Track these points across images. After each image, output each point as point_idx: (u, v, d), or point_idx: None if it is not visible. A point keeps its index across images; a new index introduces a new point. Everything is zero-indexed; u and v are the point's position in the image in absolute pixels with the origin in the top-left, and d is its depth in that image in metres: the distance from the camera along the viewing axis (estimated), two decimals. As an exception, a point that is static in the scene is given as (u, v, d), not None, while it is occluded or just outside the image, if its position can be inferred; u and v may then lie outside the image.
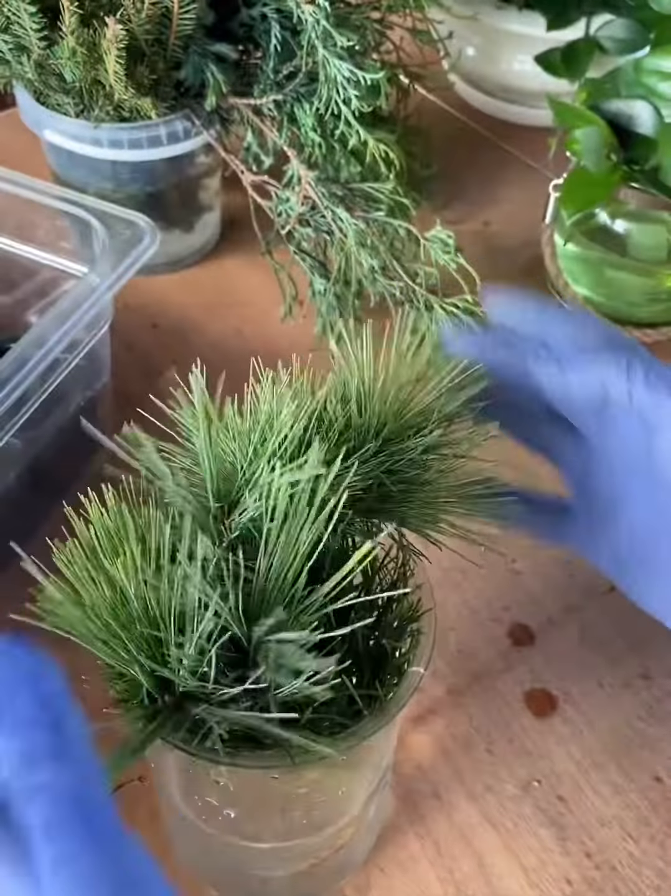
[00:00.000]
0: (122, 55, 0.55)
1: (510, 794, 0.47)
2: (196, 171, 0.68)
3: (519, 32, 0.77)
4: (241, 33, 0.62)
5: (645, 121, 0.58)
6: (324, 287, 0.63)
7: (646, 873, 0.45)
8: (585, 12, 0.72)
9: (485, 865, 0.45)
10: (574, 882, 0.45)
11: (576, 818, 0.47)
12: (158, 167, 0.66)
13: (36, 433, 0.52)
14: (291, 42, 0.60)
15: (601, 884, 0.45)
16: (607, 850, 0.46)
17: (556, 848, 0.46)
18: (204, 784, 0.38)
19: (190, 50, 0.59)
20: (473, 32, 0.81)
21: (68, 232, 0.56)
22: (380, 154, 0.61)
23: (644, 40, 0.67)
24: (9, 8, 0.55)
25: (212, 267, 0.73)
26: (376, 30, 0.62)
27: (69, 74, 0.58)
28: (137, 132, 0.62)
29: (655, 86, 0.58)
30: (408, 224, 0.60)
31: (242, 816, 0.39)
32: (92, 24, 0.55)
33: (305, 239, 0.63)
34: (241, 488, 0.33)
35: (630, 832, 0.46)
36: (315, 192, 0.60)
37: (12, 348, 0.47)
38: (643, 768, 0.48)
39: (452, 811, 0.47)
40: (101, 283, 0.50)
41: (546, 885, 0.45)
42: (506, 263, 0.73)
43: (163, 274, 0.72)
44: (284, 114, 0.62)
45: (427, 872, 0.45)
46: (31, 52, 0.57)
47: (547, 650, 0.52)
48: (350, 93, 0.58)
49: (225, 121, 0.64)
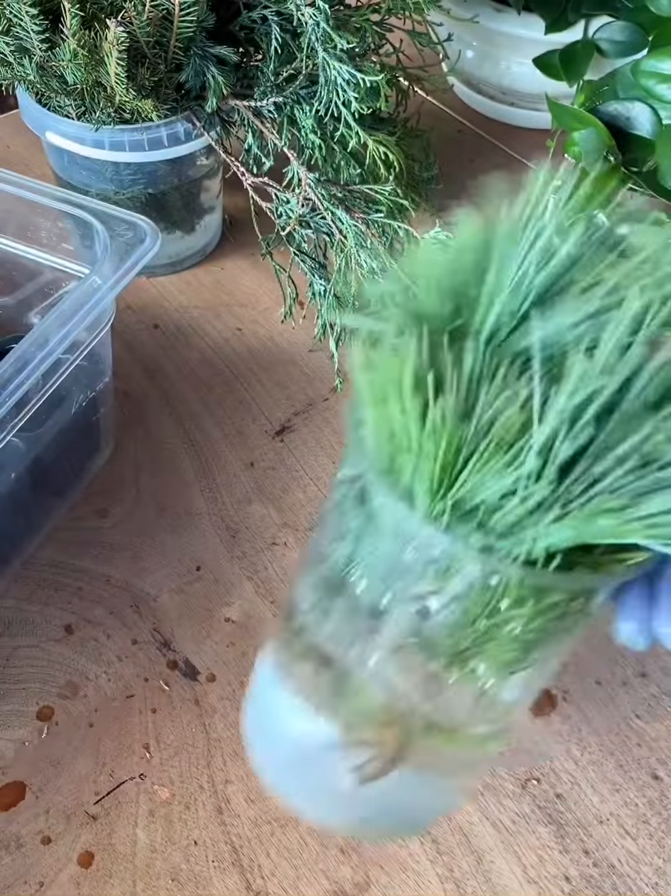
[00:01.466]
0: (123, 57, 0.55)
1: (509, 792, 0.48)
2: (197, 172, 0.69)
3: (518, 35, 0.78)
4: (242, 36, 0.62)
5: (643, 123, 0.58)
6: (324, 288, 0.63)
7: (644, 871, 0.45)
8: (584, 15, 0.72)
9: (485, 863, 0.45)
10: (572, 879, 0.45)
11: (574, 816, 0.47)
12: (159, 169, 0.66)
13: (37, 433, 0.52)
14: (291, 44, 0.60)
15: (599, 881, 0.45)
16: (605, 848, 0.46)
17: (555, 845, 0.46)
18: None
19: (191, 52, 0.60)
20: (472, 35, 0.81)
21: (70, 233, 0.56)
22: (380, 156, 0.61)
23: (642, 43, 0.67)
24: (10, 10, 0.55)
25: (213, 268, 0.73)
26: (376, 32, 0.62)
27: (70, 76, 0.58)
28: (138, 134, 0.62)
29: (653, 88, 0.59)
30: (408, 225, 0.61)
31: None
32: (93, 26, 0.56)
33: (305, 240, 0.63)
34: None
35: (628, 830, 0.47)
36: (315, 194, 0.61)
37: (14, 349, 0.47)
38: (641, 766, 0.49)
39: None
40: (102, 284, 0.50)
41: (545, 882, 0.45)
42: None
43: (164, 275, 0.72)
44: (284, 116, 0.62)
45: (426, 870, 0.45)
46: (33, 55, 0.58)
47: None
48: (350, 95, 0.58)
49: (225, 123, 0.64)
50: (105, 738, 0.49)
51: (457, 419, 0.27)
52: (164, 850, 0.46)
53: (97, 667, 0.52)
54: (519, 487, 0.27)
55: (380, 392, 0.29)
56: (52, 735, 0.49)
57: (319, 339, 0.66)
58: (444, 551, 0.29)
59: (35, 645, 0.52)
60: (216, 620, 0.53)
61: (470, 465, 0.27)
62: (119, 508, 0.58)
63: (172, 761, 0.48)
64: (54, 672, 0.51)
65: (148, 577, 0.55)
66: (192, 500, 0.59)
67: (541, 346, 0.28)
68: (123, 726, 0.49)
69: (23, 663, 0.51)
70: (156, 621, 0.53)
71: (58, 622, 0.53)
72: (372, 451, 0.29)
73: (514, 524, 0.28)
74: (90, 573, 0.55)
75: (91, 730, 0.49)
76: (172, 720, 0.49)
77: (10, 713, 0.50)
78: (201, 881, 0.45)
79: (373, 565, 0.32)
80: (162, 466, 0.60)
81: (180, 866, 0.45)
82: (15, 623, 0.53)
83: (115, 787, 0.47)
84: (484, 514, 0.28)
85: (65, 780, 0.48)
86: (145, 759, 0.48)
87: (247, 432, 0.62)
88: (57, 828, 0.46)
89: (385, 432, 0.29)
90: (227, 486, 0.59)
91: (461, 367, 0.28)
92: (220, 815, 0.47)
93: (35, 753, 0.48)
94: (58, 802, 0.47)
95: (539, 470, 0.27)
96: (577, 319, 0.28)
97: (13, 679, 0.51)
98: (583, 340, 0.28)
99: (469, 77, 0.86)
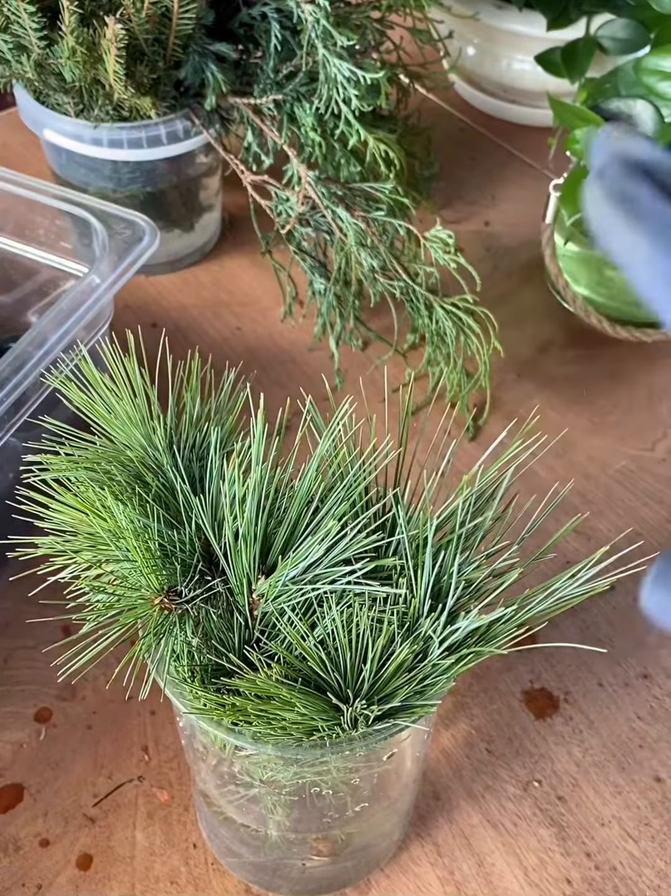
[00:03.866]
0: (121, 55, 0.55)
1: (510, 794, 0.47)
2: (196, 170, 0.68)
3: (519, 32, 0.77)
4: (242, 33, 0.62)
5: (645, 120, 0.58)
6: (324, 287, 0.63)
7: (646, 873, 0.45)
8: (585, 12, 0.71)
9: (485, 865, 0.45)
10: (574, 882, 0.45)
11: (576, 818, 0.47)
12: (158, 167, 0.66)
13: (35, 433, 0.52)
14: (291, 41, 0.60)
15: (601, 884, 0.45)
16: (607, 850, 0.46)
17: (557, 848, 0.46)
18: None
19: (190, 49, 0.59)
20: (474, 32, 0.81)
21: (68, 232, 0.56)
22: (381, 154, 0.61)
23: (644, 40, 0.66)
24: (8, 8, 0.55)
25: (212, 267, 0.73)
26: (376, 29, 0.62)
27: (69, 74, 0.57)
28: (137, 132, 0.62)
29: (655, 85, 0.58)
30: (408, 224, 0.60)
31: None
32: (92, 23, 0.55)
33: (305, 239, 0.63)
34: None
35: (630, 832, 0.46)
36: (315, 192, 0.60)
37: (12, 348, 0.47)
38: (643, 768, 0.48)
39: (452, 811, 0.47)
40: (101, 282, 0.50)
41: (546, 884, 0.45)
42: (506, 263, 0.73)
43: (163, 273, 0.72)
44: (284, 113, 0.62)
45: (427, 873, 0.45)
46: (31, 52, 0.57)
47: (547, 650, 0.52)
48: (350, 92, 0.58)
49: (225, 120, 0.64)
50: (103, 741, 0.49)
51: None
52: (162, 852, 0.45)
53: (95, 668, 0.51)
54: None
55: None
56: (51, 737, 0.49)
57: (319, 338, 0.66)
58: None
59: (33, 646, 0.52)
60: (215, 621, 0.53)
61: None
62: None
63: (171, 763, 0.48)
64: (52, 674, 0.51)
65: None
66: (192, 500, 0.58)
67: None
68: (122, 728, 0.49)
69: (21, 665, 0.51)
70: (155, 622, 0.53)
71: (56, 623, 0.53)
72: None
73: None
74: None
75: (89, 732, 0.49)
76: (171, 722, 0.49)
77: (7, 715, 0.49)
78: (200, 884, 0.45)
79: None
80: (161, 466, 0.60)
81: (179, 869, 0.45)
82: (13, 624, 0.53)
83: (113, 790, 0.47)
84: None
85: (63, 782, 0.47)
86: (144, 761, 0.48)
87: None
88: (55, 830, 0.46)
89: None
90: (227, 485, 0.59)
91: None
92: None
93: (33, 755, 0.48)
94: (56, 805, 0.47)
95: None
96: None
97: (11, 681, 0.50)
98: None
99: (470, 74, 0.85)
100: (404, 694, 0.31)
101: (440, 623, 0.32)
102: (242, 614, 0.33)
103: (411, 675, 0.32)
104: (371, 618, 0.31)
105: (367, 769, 0.37)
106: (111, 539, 0.33)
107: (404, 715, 0.32)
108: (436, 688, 0.32)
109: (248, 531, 0.31)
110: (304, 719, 0.31)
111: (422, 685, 0.32)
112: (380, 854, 0.44)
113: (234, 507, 0.31)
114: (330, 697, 0.31)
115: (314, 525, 0.32)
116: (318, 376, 0.65)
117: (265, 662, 0.31)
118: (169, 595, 0.32)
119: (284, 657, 0.31)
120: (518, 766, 0.48)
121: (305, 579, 0.31)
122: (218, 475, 0.34)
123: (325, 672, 0.31)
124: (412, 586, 0.33)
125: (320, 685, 0.31)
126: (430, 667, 0.32)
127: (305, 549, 0.31)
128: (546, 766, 0.48)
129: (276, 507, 0.33)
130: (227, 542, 0.32)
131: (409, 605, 0.33)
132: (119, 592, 0.33)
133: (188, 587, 0.32)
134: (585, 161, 0.49)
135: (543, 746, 0.49)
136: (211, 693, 0.32)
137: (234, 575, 0.33)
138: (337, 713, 0.31)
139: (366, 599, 0.32)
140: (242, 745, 0.33)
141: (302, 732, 0.31)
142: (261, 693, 0.31)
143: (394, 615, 0.32)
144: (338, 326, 0.63)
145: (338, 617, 0.31)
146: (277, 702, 0.30)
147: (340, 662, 0.31)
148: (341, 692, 0.31)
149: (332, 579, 0.31)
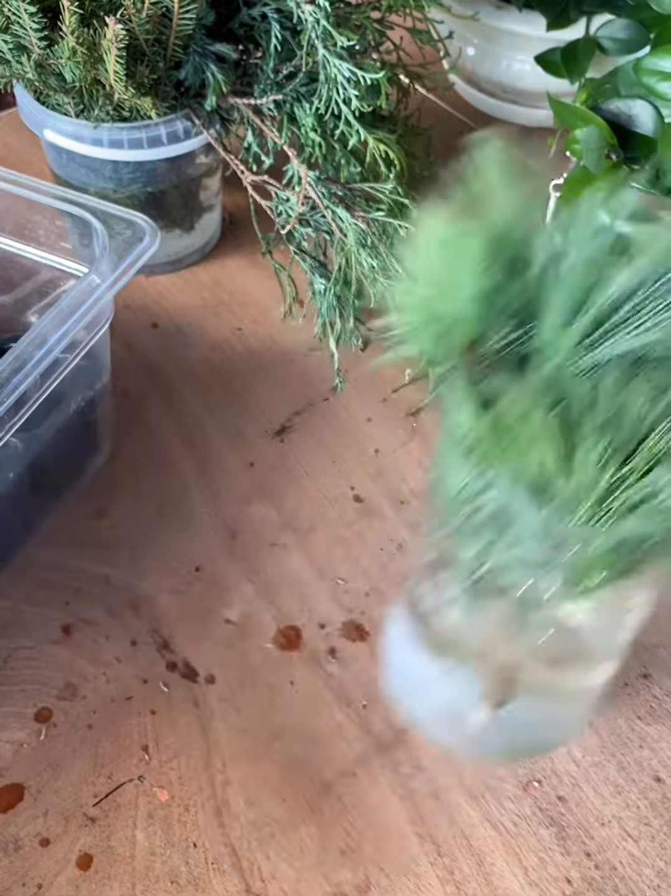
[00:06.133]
0: (122, 55, 0.55)
1: (510, 794, 0.47)
2: (196, 170, 0.68)
3: (519, 32, 0.77)
4: (242, 33, 0.62)
5: (645, 121, 0.58)
6: (324, 287, 0.63)
7: (646, 873, 0.45)
8: (585, 12, 0.72)
9: (485, 865, 0.45)
10: (574, 881, 0.45)
11: (576, 818, 0.47)
12: (159, 167, 0.66)
13: (35, 433, 0.52)
14: (291, 42, 0.60)
15: (601, 883, 0.45)
16: (607, 850, 0.46)
17: (556, 847, 0.46)
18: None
19: (190, 50, 0.59)
20: (474, 32, 0.81)
21: (68, 232, 0.56)
22: (381, 154, 0.61)
23: (644, 40, 0.67)
24: (9, 8, 0.55)
25: (212, 267, 0.73)
26: (376, 29, 0.62)
27: (69, 74, 0.58)
28: (137, 132, 0.62)
29: (655, 86, 0.58)
30: (409, 224, 0.60)
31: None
32: (92, 23, 0.55)
33: (305, 239, 0.63)
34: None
35: (630, 832, 0.46)
36: (315, 192, 0.60)
37: (12, 348, 0.47)
38: (643, 768, 0.48)
39: (452, 811, 0.47)
40: (101, 282, 0.50)
41: (546, 884, 0.45)
42: (506, 263, 0.73)
43: (163, 274, 0.72)
44: (284, 114, 0.62)
45: (427, 872, 0.45)
46: (31, 52, 0.57)
47: (547, 650, 0.52)
48: (350, 92, 0.58)
49: (225, 121, 0.64)
50: (104, 740, 0.49)
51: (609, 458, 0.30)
52: (163, 852, 0.45)
53: (96, 668, 0.51)
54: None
55: (508, 446, 0.31)
56: (51, 737, 0.49)
57: (319, 338, 0.66)
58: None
59: (33, 646, 0.52)
60: (215, 621, 0.53)
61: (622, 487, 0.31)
62: (118, 509, 0.58)
63: (171, 763, 0.48)
64: (52, 673, 0.51)
65: (147, 577, 0.55)
66: (192, 501, 0.58)
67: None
68: (122, 728, 0.49)
69: (21, 665, 0.51)
70: (155, 622, 0.53)
71: (56, 623, 0.53)
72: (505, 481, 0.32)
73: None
74: (89, 573, 0.55)
75: (90, 731, 0.49)
76: (171, 722, 0.49)
77: (7, 715, 0.49)
78: (201, 884, 0.45)
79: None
80: (161, 466, 0.60)
81: (179, 868, 0.45)
82: (13, 624, 0.53)
83: (113, 789, 0.47)
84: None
85: (63, 781, 0.47)
86: (144, 760, 0.48)
87: (246, 432, 0.62)
88: (55, 830, 0.46)
89: (523, 472, 0.31)
90: (227, 486, 0.59)
91: (596, 405, 0.31)
92: (220, 817, 0.46)
93: (33, 755, 0.48)
94: (56, 804, 0.47)
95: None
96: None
97: (11, 681, 0.51)
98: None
99: (470, 75, 0.85)
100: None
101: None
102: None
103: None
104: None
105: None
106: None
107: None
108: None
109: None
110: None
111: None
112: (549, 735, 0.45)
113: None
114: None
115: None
116: (319, 376, 0.65)
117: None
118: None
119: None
120: (518, 766, 0.48)
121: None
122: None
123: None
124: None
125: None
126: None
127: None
128: (546, 765, 0.48)
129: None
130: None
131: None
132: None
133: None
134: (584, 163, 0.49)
135: (543, 746, 0.49)
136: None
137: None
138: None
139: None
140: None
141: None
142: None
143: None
144: (339, 326, 0.63)
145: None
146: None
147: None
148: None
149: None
